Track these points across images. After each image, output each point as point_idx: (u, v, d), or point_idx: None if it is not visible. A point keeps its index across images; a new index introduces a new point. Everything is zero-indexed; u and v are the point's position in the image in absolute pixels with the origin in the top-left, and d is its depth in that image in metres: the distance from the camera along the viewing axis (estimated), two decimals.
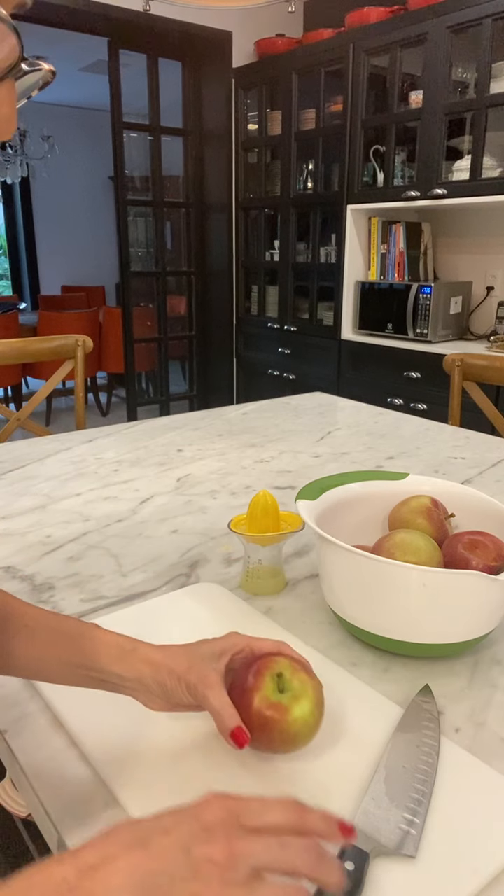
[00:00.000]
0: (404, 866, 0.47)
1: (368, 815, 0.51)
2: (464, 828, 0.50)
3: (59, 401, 5.25)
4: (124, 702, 0.61)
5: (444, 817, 0.51)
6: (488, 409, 1.80)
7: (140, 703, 0.56)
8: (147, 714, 0.61)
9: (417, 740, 0.58)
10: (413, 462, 1.39)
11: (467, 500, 0.83)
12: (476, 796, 0.53)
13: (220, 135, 3.74)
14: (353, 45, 3.00)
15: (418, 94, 2.85)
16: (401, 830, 0.49)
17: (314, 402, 1.89)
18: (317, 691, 0.56)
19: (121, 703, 0.62)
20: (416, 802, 0.52)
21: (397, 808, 0.51)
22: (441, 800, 0.53)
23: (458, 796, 0.53)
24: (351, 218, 3.20)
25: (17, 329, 4.56)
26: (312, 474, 1.30)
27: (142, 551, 0.97)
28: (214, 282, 4.04)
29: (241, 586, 0.87)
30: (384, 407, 1.87)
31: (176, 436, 1.56)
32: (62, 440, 1.52)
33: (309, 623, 0.79)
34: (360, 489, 0.85)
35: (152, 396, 4.36)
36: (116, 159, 3.52)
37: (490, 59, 2.56)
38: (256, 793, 0.52)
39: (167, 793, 0.53)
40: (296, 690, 0.55)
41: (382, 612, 0.69)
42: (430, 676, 0.69)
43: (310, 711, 0.54)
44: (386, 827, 0.50)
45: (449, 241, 3.35)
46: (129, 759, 0.56)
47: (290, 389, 3.52)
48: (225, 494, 1.19)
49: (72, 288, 6.61)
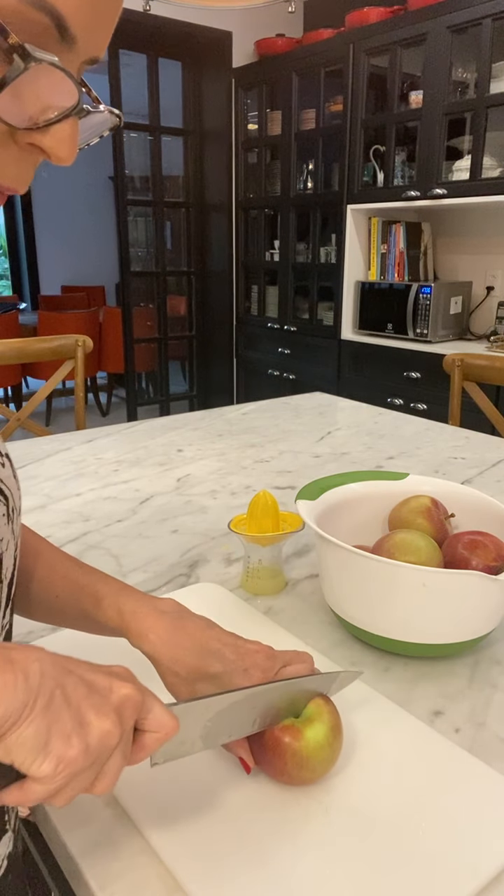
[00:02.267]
0: (404, 866, 0.47)
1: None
2: (464, 828, 0.50)
3: (59, 401, 5.25)
4: None
5: (444, 817, 0.51)
6: (488, 409, 1.80)
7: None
8: None
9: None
10: (413, 462, 1.39)
11: (467, 500, 0.83)
12: (476, 796, 0.53)
13: (220, 135, 3.74)
14: (353, 45, 3.00)
15: (418, 94, 2.85)
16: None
17: (314, 402, 1.89)
18: (333, 716, 0.54)
19: None
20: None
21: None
22: (441, 800, 0.53)
23: (458, 796, 0.53)
24: (351, 218, 3.20)
25: (17, 329, 4.56)
26: (312, 474, 1.30)
27: (142, 551, 0.97)
28: (214, 282, 4.04)
29: (241, 586, 0.87)
30: (384, 407, 1.87)
31: (176, 436, 1.56)
32: (62, 440, 1.52)
33: (309, 623, 0.79)
34: (360, 489, 0.85)
35: (152, 396, 4.36)
36: (116, 159, 3.52)
37: (490, 59, 2.56)
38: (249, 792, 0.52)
39: (168, 792, 0.53)
40: (310, 714, 0.53)
41: (382, 612, 0.69)
42: (430, 676, 0.69)
43: (324, 735, 0.52)
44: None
45: (449, 241, 3.35)
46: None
47: (290, 389, 3.52)
48: (225, 494, 1.19)
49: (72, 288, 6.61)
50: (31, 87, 0.34)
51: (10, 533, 0.48)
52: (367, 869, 0.47)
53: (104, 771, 0.39)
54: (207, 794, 0.53)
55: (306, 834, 0.50)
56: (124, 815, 0.52)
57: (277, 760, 0.51)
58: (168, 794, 0.53)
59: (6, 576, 0.48)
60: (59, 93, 0.35)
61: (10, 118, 0.34)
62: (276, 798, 0.53)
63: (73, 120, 0.36)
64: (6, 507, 0.48)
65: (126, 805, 0.52)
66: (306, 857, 0.48)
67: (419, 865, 0.47)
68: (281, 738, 0.51)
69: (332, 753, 0.53)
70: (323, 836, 0.50)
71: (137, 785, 0.54)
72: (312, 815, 0.51)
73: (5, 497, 0.48)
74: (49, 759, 0.35)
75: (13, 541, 0.49)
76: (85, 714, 0.37)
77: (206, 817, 0.51)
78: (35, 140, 0.36)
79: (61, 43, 0.34)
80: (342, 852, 0.48)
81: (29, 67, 0.32)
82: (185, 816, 0.51)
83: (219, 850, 0.48)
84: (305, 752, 0.51)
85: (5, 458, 0.51)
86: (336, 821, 0.51)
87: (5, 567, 0.47)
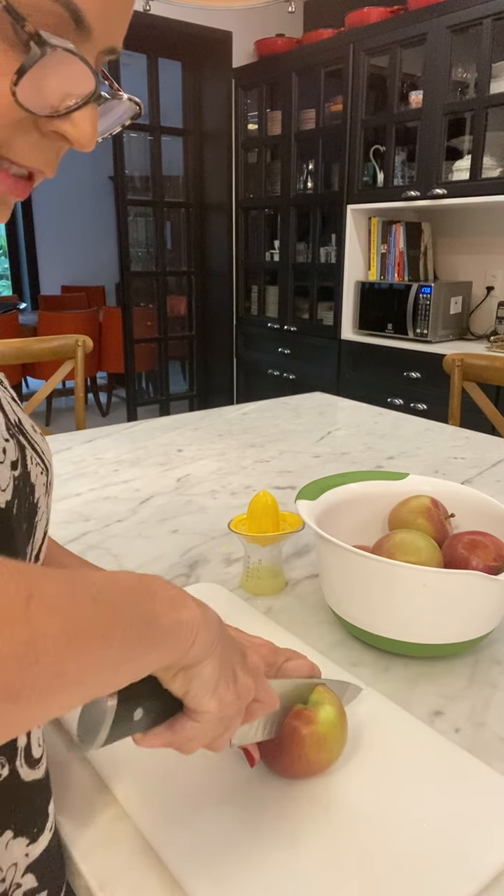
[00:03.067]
0: (404, 866, 0.47)
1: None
2: (464, 828, 0.50)
3: (59, 401, 5.25)
4: None
5: (443, 818, 0.51)
6: (488, 409, 1.80)
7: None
8: None
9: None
10: (413, 462, 1.39)
11: (467, 500, 0.83)
12: (476, 797, 0.53)
13: (220, 135, 3.74)
14: (353, 45, 3.00)
15: (418, 94, 2.85)
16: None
17: (314, 402, 1.89)
18: (337, 700, 0.56)
19: None
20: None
21: None
22: (441, 800, 0.53)
23: (458, 796, 0.53)
24: (351, 218, 3.20)
25: (17, 329, 4.56)
26: (312, 474, 1.30)
27: (142, 551, 0.97)
28: (214, 282, 4.04)
29: (241, 586, 0.87)
30: (384, 407, 1.87)
31: (176, 436, 1.56)
32: (62, 440, 1.52)
33: (309, 623, 0.79)
34: (360, 489, 0.85)
35: (152, 396, 4.36)
36: (116, 159, 3.52)
37: (490, 59, 2.56)
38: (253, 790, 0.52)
39: (168, 792, 0.53)
40: (317, 700, 0.55)
41: (382, 612, 0.69)
42: (430, 676, 0.69)
43: (335, 715, 0.54)
44: None
45: (449, 241, 3.35)
46: (129, 760, 0.56)
47: (290, 389, 3.52)
48: (225, 494, 1.19)
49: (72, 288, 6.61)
50: (50, 75, 0.35)
51: (46, 505, 0.50)
52: (367, 869, 0.47)
53: (229, 725, 0.44)
54: (207, 793, 0.53)
55: (306, 833, 0.50)
56: (124, 815, 0.52)
57: (295, 746, 0.53)
58: (168, 794, 0.53)
59: (36, 546, 0.49)
60: (77, 80, 0.36)
61: (32, 106, 0.36)
62: (276, 797, 0.53)
63: (93, 106, 0.38)
64: (46, 478, 0.49)
65: (126, 805, 0.52)
66: (306, 857, 0.48)
67: (419, 865, 0.47)
68: (295, 723, 0.53)
69: (343, 734, 0.55)
70: (323, 836, 0.50)
71: (138, 785, 0.54)
72: (312, 815, 0.51)
73: (46, 469, 0.50)
74: (214, 697, 0.40)
75: (46, 513, 0.50)
76: (235, 667, 0.42)
77: (206, 817, 0.51)
78: (57, 127, 0.38)
79: (78, 33, 0.36)
80: (342, 852, 0.48)
81: (45, 54, 0.33)
82: (185, 816, 0.51)
83: (218, 850, 0.48)
84: (322, 731, 0.53)
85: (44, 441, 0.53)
86: (336, 820, 0.51)
87: (37, 538, 0.48)
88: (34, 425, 0.52)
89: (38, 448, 0.49)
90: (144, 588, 0.36)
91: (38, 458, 0.48)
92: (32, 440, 0.49)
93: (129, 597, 0.35)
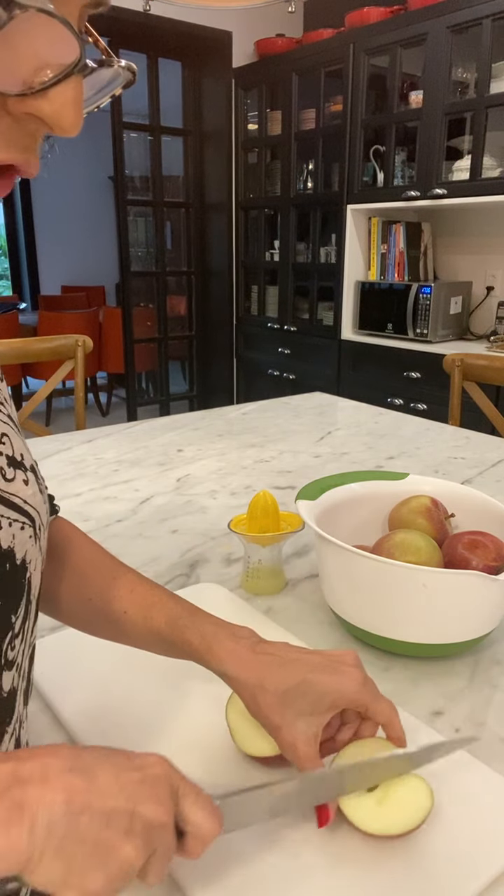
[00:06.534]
0: (404, 867, 0.47)
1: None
2: (464, 829, 0.50)
3: (59, 401, 5.25)
4: (127, 702, 0.61)
5: (444, 818, 0.51)
6: (488, 409, 1.80)
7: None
8: (150, 715, 0.61)
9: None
10: (413, 462, 1.39)
11: (467, 500, 0.83)
12: (476, 797, 0.53)
13: (220, 135, 3.74)
14: (353, 45, 3.00)
15: (418, 94, 2.85)
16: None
17: (314, 402, 1.89)
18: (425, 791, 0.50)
19: (123, 704, 0.62)
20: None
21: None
22: (441, 800, 0.53)
23: (458, 797, 0.53)
24: (351, 218, 3.20)
25: (17, 329, 4.56)
26: (312, 474, 1.30)
27: (142, 551, 0.97)
28: (214, 282, 4.04)
29: (241, 586, 0.87)
30: (384, 407, 1.87)
31: (176, 436, 1.56)
32: (62, 440, 1.52)
33: (309, 623, 0.79)
34: (360, 489, 0.85)
35: (152, 396, 4.36)
36: (116, 159, 3.52)
37: (490, 59, 2.56)
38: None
39: None
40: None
41: (382, 612, 0.69)
42: (430, 676, 0.69)
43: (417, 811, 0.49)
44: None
45: (449, 241, 3.35)
46: None
47: (290, 389, 3.52)
48: (225, 494, 1.19)
49: (72, 288, 6.61)
50: (21, 42, 0.28)
51: (38, 552, 0.47)
52: (367, 869, 0.47)
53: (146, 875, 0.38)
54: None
55: (305, 834, 0.50)
56: None
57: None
58: None
59: (34, 595, 0.47)
60: (56, 46, 0.28)
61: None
62: None
63: (76, 79, 0.30)
64: (32, 528, 0.45)
65: None
66: (305, 858, 0.48)
67: (419, 866, 0.47)
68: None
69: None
70: (322, 837, 0.50)
71: None
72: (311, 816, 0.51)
73: (31, 518, 0.45)
74: (72, 891, 0.35)
75: (40, 558, 0.47)
76: (102, 846, 0.35)
77: None
78: (32, 108, 0.30)
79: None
80: (341, 853, 0.48)
81: (14, 16, 0.26)
82: None
83: (218, 850, 0.48)
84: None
85: (29, 473, 0.47)
86: (335, 820, 0.51)
87: (34, 587, 0.46)
88: (23, 453, 0.47)
89: (19, 498, 0.44)
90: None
91: (16, 514, 0.43)
92: (6, 493, 0.43)
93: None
